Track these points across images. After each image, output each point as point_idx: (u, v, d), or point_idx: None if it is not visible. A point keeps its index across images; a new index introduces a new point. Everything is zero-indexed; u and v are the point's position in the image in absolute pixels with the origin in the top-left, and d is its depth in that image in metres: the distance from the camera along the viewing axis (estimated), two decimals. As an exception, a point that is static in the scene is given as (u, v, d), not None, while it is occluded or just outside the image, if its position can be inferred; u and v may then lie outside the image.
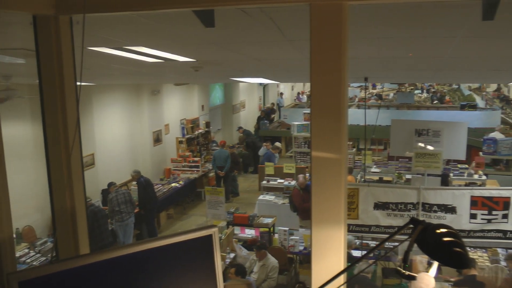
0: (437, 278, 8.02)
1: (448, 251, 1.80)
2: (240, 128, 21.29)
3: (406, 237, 1.91)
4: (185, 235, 2.11)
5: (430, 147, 10.30)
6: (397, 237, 2.00)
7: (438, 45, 4.46)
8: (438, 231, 1.83)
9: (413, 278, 1.92)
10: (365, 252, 8.96)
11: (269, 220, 10.47)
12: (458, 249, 1.79)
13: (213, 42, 4.34)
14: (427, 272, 1.98)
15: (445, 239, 1.81)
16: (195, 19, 2.90)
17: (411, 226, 1.89)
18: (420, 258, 7.82)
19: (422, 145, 10.30)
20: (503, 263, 8.22)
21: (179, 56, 5.32)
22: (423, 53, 5.22)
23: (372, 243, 9.39)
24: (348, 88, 2.34)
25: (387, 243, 8.86)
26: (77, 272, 1.96)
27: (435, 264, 1.99)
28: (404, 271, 1.90)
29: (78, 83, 2.83)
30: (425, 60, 5.99)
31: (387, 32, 3.71)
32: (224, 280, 7.95)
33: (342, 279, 2.18)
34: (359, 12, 2.74)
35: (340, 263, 2.36)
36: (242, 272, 7.91)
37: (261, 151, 16.79)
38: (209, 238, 2.16)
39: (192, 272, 2.16)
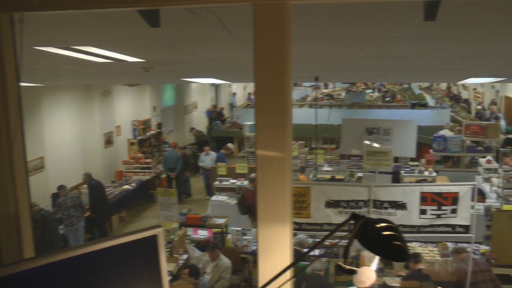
0: (388, 273, 8.22)
1: (388, 244, 1.85)
2: (192, 129, 21.19)
3: (347, 233, 1.95)
4: (129, 236, 2.09)
5: (376, 145, 10.46)
6: (341, 233, 2.04)
7: (388, 45, 4.55)
8: (377, 225, 1.88)
9: (354, 272, 1.96)
10: (316, 250, 9.05)
11: (221, 221, 10.45)
12: (397, 243, 1.84)
13: (161, 43, 4.31)
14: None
15: (385, 233, 1.86)
16: (141, 19, 2.87)
17: (353, 222, 1.93)
18: (368, 254, 7.97)
19: (368, 142, 10.44)
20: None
21: (127, 56, 5.25)
22: (374, 53, 5.31)
23: (325, 242, 9.49)
24: (292, 86, 2.37)
25: (336, 240, 8.99)
26: (19, 277, 1.90)
27: (376, 258, 2.03)
28: (344, 266, 1.94)
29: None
30: (376, 59, 6.09)
31: (335, 32, 3.76)
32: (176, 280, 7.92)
33: (288, 275, 2.20)
34: (306, 12, 2.77)
35: (286, 260, 2.39)
36: (196, 273, 7.87)
37: (202, 162, 16.30)
38: (153, 238, 2.15)
39: (137, 273, 2.14)
